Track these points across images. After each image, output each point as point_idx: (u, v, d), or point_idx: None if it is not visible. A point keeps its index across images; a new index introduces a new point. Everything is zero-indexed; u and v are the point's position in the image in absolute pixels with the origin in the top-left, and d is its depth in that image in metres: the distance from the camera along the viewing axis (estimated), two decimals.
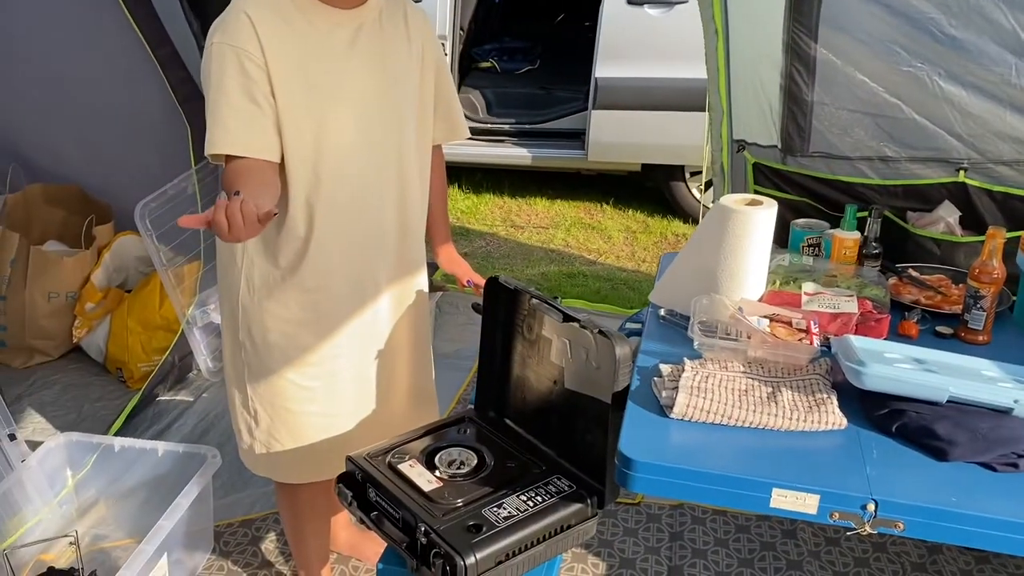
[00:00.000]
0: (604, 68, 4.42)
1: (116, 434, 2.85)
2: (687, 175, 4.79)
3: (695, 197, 4.80)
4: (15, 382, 3.20)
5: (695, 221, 4.63)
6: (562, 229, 4.85)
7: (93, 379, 3.26)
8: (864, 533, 1.40)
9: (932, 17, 2.34)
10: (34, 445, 2.50)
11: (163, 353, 3.17)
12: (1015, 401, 1.50)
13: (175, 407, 3.12)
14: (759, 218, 1.81)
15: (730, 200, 1.85)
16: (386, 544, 1.70)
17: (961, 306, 1.93)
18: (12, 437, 2.34)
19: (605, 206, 5.13)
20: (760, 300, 1.89)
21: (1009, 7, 2.25)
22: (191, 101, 3.11)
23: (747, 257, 1.83)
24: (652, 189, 5.11)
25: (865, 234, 2.18)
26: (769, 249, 1.88)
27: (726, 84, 2.75)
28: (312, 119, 1.72)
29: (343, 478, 1.77)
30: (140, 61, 3.02)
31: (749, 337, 1.74)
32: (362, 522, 1.72)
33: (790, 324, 1.75)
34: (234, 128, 1.66)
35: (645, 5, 4.30)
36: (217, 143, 1.67)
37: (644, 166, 4.87)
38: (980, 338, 1.89)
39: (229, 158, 1.68)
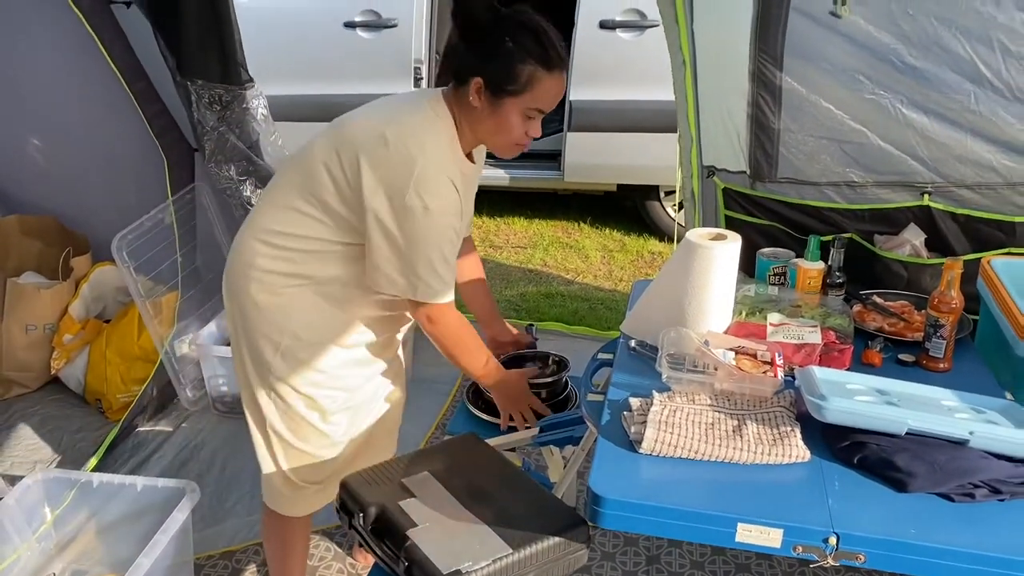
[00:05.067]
0: (578, 91, 4.47)
1: (96, 467, 2.85)
2: (662, 194, 4.85)
3: (670, 216, 4.85)
4: None
5: (671, 239, 4.68)
6: (540, 249, 4.89)
7: (72, 411, 3.26)
8: (827, 565, 1.44)
9: (893, 48, 2.40)
10: (13, 480, 2.51)
11: (142, 384, 3.18)
12: (970, 432, 1.54)
13: (155, 438, 3.12)
14: (723, 253, 1.86)
15: (696, 235, 1.89)
16: None
17: (923, 333, 1.98)
18: None
19: (582, 225, 5.18)
20: (727, 331, 1.93)
21: (966, 38, 2.31)
22: (167, 134, 3.15)
23: (713, 290, 1.88)
24: (629, 207, 5.17)
25: (829, 263, 2.23)
26: (734, 282, 1.92)
27: (695, 112, 2.80)
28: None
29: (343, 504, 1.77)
30: (116, 94, 3.04)
31: (716, 369, 1.77)
32: (362, 545, 1.74)
33: (755, 356, 1.79)
34: (449, 283, 1.88)
35: (617, 29, 4.36)
36: (441, 295, 1.87)
37: (620, 186, 4.92)
38: (941, 366, 1.94)
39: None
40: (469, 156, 1.93)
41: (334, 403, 1.99)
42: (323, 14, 4.63)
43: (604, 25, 4.36)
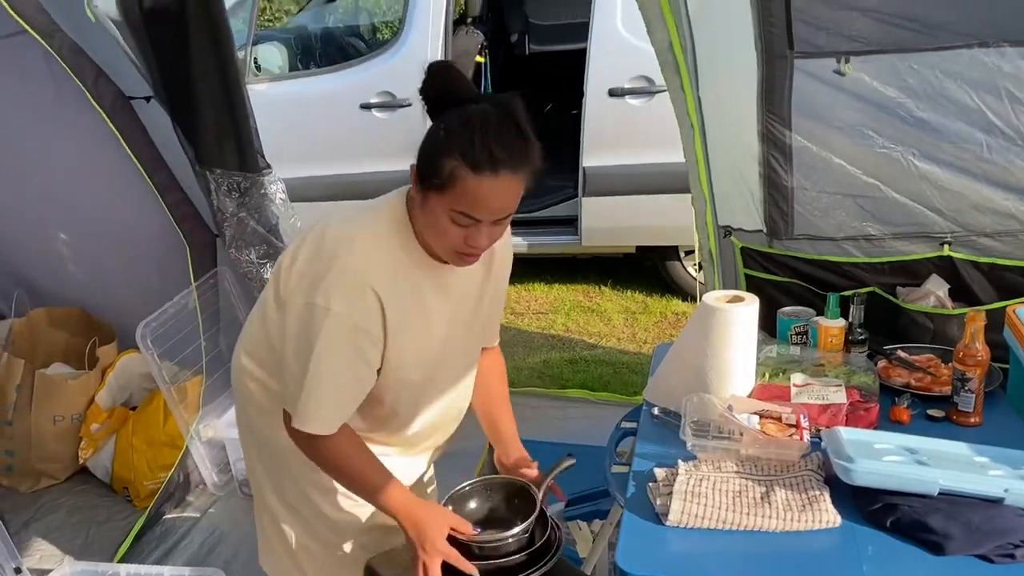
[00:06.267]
0: (591, 158, 4.52)
1: (123, 556, 2.84)
2: (681, 254, 4.84)
3: (691, 275, 4.84)
4: (22, 507, 3.21)
5: (694, 299, 4.66)
6: (562, 314, 4.88)
7: (100, 500, 3.26)
8: None
9: (900, 102, 2.41)
10: (42, 573, 2.50)
11: (169, 470, 3.18)
12: (1005, 490, 1.50)
13: (181, 524, 3.11)
14: (741, 315, 1.84)
15: (712, 298, 1.88)
16: None
17: (951, 387, 1.95)
18: (18, 571, 2.34)
19: (603, 288, 5.18)
20: (750, 395, 1.90)
21: (973, 89, 2.31)
22: (188, 221, 3.21)
23: (733, 354, 1.86)
24: (649, 269, 5.17)
25: (850, 320, 2.21)
26: (754, 344, 1.90)
27: (706, 174, 2.81)
28: (417, 373, 1.71)
29: None
30: (137, 184, 3.11)
31: (741, 435, 1.75)
32: None
33: (780, 419, 1.77)
34: (335, 411, 1.63)
35: (626, 96, 4.42)
36: (312, 423, 1.62)
37: (639, 247, 4.93)
38: (971, 420, 1.90)
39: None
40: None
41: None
42: (341, 97, 4.74)
43: (613, 93, 4.41)
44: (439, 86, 1.54)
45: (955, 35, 2.26)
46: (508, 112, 1.51)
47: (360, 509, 1.84)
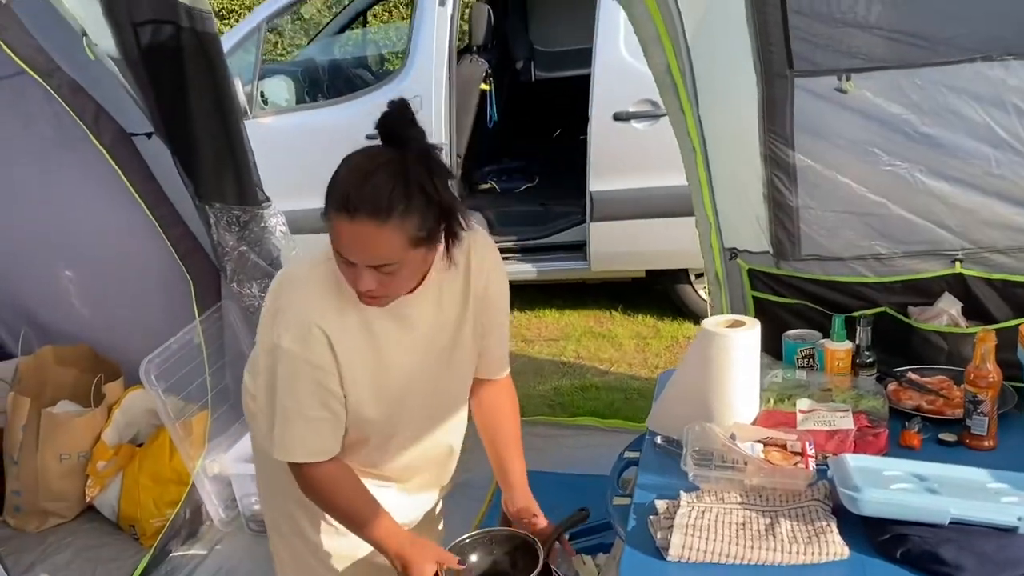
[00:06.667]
0: (597, 183, 4.49)
1: None
2: (692, 277, 4.80)
3: (703, 298, 4.78)
4: (29, 548, 3.19)
5: None
6: (572, 340, 4.84)
7: (107, 539, 3.23)
8: None
9: (905, 118, 2.36)
10: None
11: (175, 507, 3.15)
12: (1019, 518, 1.44)
13: (188, 562, 3.08)
14: (742, 340, 1.80)
15: (712, 323, 1.84)
16: None
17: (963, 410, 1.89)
18: None
19: (614, 313, 5.13)
20: (754, 421, 1.85)
21: (979, 103, 2.27)
22: (191, 255, 3.20)
23: (735, 380, 1.81)
24: (660, 292, 5.12)
25: (856, 343, 2.15)
26: (757, 369, 1.85)
27: (710, 196, 2.77)
28: (376, 409, 1.71)
29: None
30: (140, 220, 3.11)
31: (745, 464, 1.70)
32: None
33: (785, 447, 1.72)
34: (312, 440, 1.67)
35: (631, 120, 4.39)
36: (295, 453, 1.68)
37: (649, 271, 4.89)
38: (985, 444, 1.83)
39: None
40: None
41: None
42: (345, 128, 4.70)
43: (618, 117, 4.39)
44: (389, 124, 1.55)
45: (958, 49, 2.22)
46: (393, 162, 1.51)
47: (345, 540, 1.82)
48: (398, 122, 1.54)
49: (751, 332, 1.81)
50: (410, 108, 1.56)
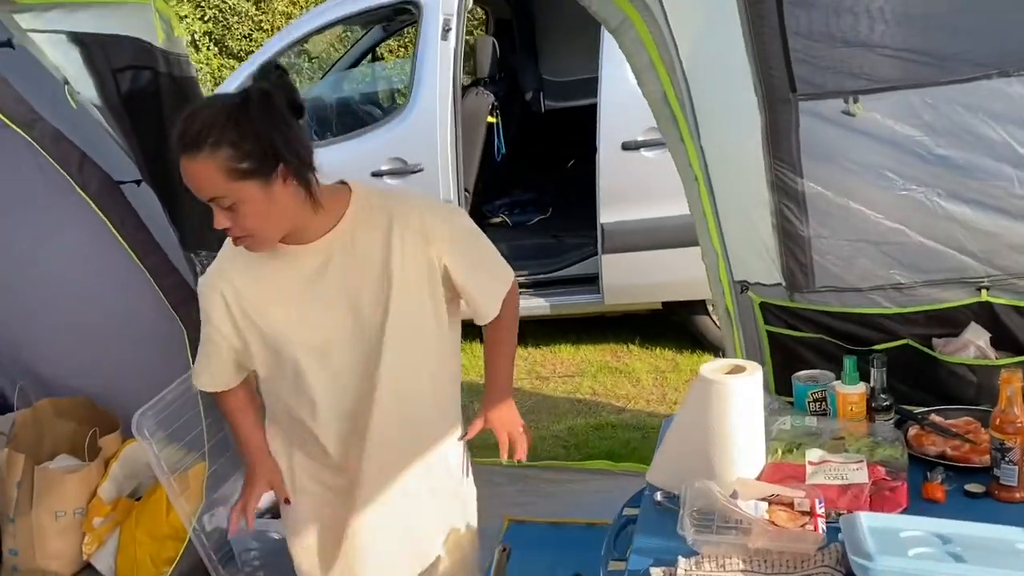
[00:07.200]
0: (608, 214, 4.39)
1: None
2: (709, 308, 4.65)
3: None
4: None
5: (726, 354, 4.45)
6: (588, 376, 4.71)
7: None
8: None
9: (918, 140, 2.24)
10: None
11: (172, 564, 3.05)
12: None
13: None
14: (743, 388, 1.66)
15: (710, 370, 1.70)
16: None
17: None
18: None
19: (632, 346, 4.99)
20: (760, 475, 1.71)
21: (997, 121, 2.14)
22: (185, 304, 3.10)
23: (735, 431, 1.67)
24: (678, 324, 4.98)
25: (871, 385, 1.99)
26: (761, 419, 1.71)
27: (716, 228, 2.65)
28: (278, 360, 1.90)
29: None
30: (131, 268, 3.04)
31: (749, 525, 1.55)
32: None
33: (792, 506, 1.57)
34: (203, 369, 2.05)
35: (640, 149, 4.28)
36: (199, 381, 2.12)
37: (665, 303, 4.75)
38: (1016, 495, 1.67)
39: None
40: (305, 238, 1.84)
41: None
42: (352, 165, 4.65)
43: (626, 147, 4.30)
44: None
45: (971, 66, 2.10)
46: (222, 103, 1.70)
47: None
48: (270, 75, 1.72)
49: (752, 379, 1.67)
50: (285, 70, 1.78)
